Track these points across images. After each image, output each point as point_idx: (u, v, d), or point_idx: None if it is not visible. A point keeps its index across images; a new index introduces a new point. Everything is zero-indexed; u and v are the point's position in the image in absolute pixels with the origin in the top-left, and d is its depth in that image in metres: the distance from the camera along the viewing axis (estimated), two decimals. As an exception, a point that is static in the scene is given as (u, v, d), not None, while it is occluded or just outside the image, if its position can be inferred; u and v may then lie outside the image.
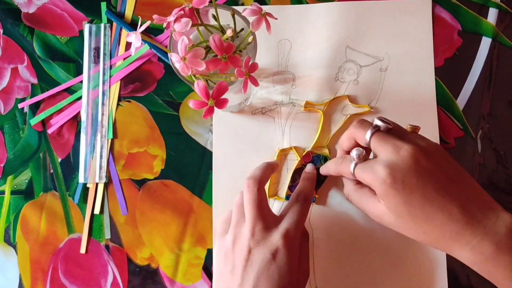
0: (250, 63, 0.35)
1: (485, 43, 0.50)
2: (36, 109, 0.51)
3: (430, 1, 0.50)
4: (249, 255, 0.37)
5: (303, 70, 0.50)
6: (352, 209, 0.47)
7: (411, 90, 0.49)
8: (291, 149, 0.48)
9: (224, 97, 0.34)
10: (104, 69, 0.51)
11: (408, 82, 0.49)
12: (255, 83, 0.36)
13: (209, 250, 0.48)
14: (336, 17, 0.50)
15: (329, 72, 0.50)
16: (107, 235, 0.49)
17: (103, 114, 0.51)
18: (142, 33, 0.35)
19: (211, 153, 0.49)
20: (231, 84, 0.37)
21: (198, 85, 0.34)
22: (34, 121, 0.51)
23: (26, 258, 0.49)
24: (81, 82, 0.52)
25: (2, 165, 0.51)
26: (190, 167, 0.49)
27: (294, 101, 0.50)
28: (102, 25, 0.52)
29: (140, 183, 0.50)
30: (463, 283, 0.46)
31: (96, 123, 0.51)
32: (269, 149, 0.49)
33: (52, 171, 0.50)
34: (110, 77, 0.51)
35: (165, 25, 0.35)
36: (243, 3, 0.52)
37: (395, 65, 0.49)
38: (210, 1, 0.36)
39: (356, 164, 0.37)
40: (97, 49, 0.52)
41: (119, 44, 0.52)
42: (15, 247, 0.49)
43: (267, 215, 0.39)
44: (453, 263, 0.46)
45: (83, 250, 0.49)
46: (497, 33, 0.50)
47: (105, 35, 0.52)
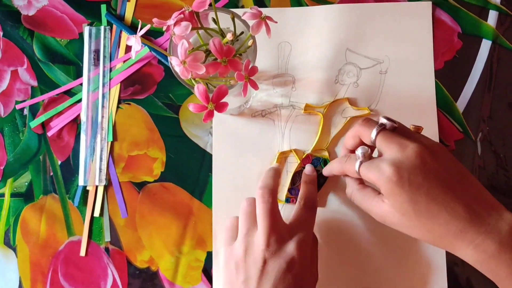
0: (250, 67, 0.35)
1: (485, 46, 0.50)
2: (36, 111, 0.51)
3: (430, 3, 0.50)
4: (264, 266, 0.37)
5: (303, 72, 0.50)
6: (351, 210, 0.47)
7: (411, 92, 0.49)
8: (291, 151, 0.48)
9: (224, 100, 0.34)
10: (104, 71, 0.51)
11: (408, 85, 0.49)
12: (255, 87, 0.36)
13: (209, 253, 0.48)
14: (336, 19, 0.50)
15: (329, 74, 0.50)
16: (107, 237, 0.49)
17: (103, 117, 0.51)
18: (142, 36, 0.35)
19: (211, 155, 0.49)
20: (231, 88, 0.37)
21: (198, 89, 0.34)
22: (34, 123, 0.51)
23: (26, 261, 0.49)
24: (81, 84, 0.51)
25: (2, 167, 0.51)
26: (190, 169, 0.49)
27: (294, 103, 0.50)
28: (102, 27, 0.52)
29: (140, 185, 0.50)
30: (462, 284, 0.46)
31: (96, 126, 0.50)
32: (269, 152, 0.49)
33: (52, 173, 0.50)
34: (110, 79, 0.51)
35: (165, 28, 0.35)
36: (243, 6, 0.52)
37: (395, 68, 0.49)
38: (210, 5, 0.36)
39: (361, 163, 0.37)
40: (97, 51, 0.52)
41: (119, 47, 0.52)
42: (15, 250, 0.49)
43: (280, 225, 0.39)
44: (453, 264, 0.46)
45: (83, 252, 0.49)
46: (497, 35, 0.50)
47: (105, 37, 0.52)
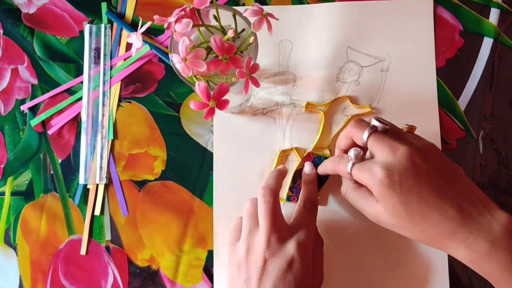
0: (251, 64, 0.35)
1: (487, 44, 0.50)
2: (36, 110, 0.51)
3: (431, 1, 0.50)
4: (264, 265, 0.38)
5: (304, 70, 0.50)
6: (353, 209, 0.47)
7: (412, 90, 0.49)
8: (292, 150, 0.48)
9: (225, 98, 0.34)
10: (104, 69, 0.51)
11: (410, 83, 0.49)
12: (256, 84, 0.36)
13: (209, 251, 0.48)
14: (337, 17, 0.50)
15: (330, 72, 0.50)
16: (108, 236, 0.49)
17: (103, 115, 0.51)
18: (143, 33, 0.35)
19: (211, 154, 0.49)
20: (232, 85, 0.36)
21: (199, 86, 0.33)
22: (34, 122, 0.51)
23: (27, 260, 0.49)
24: (82, 82, 0.51)
25: (2, 166, 0.51)
26: (191, 168, 0.49)
27: (295, 101, 0.49)
28: (103, 25, 0.52)
29: (141, 184, 0.49)
30: (464, 284, 0.46)
31: (97, 124, 0.50)
32: (270, 150, 0.49)
33: (52, 172, 0.50)
34: (111, 77, 0.51)
35: (165, 25, 0.35)
36: (244, 4, 0.52)
37: (396, 66, 0.49)
38: (211, 2, 0.36)
39: (353, 164, 0.37)
40: (97, 49, 0.52)
41: (119, 45, 0.52)
42: (15, 249, 0.49)
43: (281, 225, 0.40)
44: (455, 263, 0.46)
45: (83, 251, 0.49)
46: (499, 33, 0.50)
47: (105, 35, 0.52)
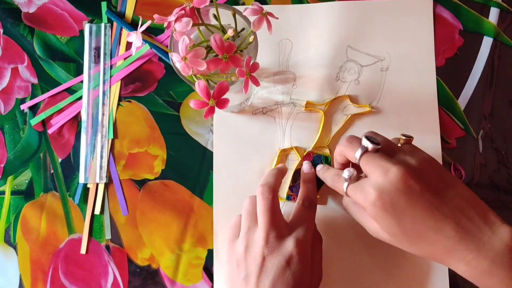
0: (251, 63, 0.35)
1: (487, 43, 0.50)
2: (36, 109, 0.51)
3: (431, 0, 0.50)
4: (263, 262, 0.38)
5: (304, 70, 0.50)
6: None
7: (412, 90, 0.49)
8: (292, 149, 0.48)
9: (225, 97, 0.34)
10: (104, 69, 0.51)
11: (409, 82, 0.49)
12: (256, 83, 0.36)
13: (209, 250, 0.48)
14: (337, 16, 0.50)
15: (330, 72, 0.50)
16: (108, 235, 0.49)
17: (103, 114, 0.51)
18: (143, 32, 0.35)
19: (211, 153, 0.49)
20: (232, 84, 0.36)
21: (199, 85, 0.33)
22: (34, 121, 0.51)
23: (27, 259, 0.49)
24: (82, 82, 0.51)
25: (2, 165, 0.51)
26: (191, 167, 0.49)
27: (295, 101, 0.49)
28: (103, 24, 0.52)
29: (141, 183, 0.49)
30: (463, 284, 0.46)
31: (97, 123, 0.50)
32: (270, 149, 0.49)
33: (52, 171, 0.50)
34: (111, 77, 0.51)
35: (165, 25, 0.35)
36: (244, 3, 0.52)
37: (396, 65, 0.49)
38: (211, 1, 0.36)
39: (348, 184, 0.37)
40: (97, 49, 0.52)
41: (119, 44, 0.52)
42: (15, 248, 0.49)
43: (280, 222, 0.40)
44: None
45: (83, 250, 0.49)
46: (498, 32, 0.50)
47: (105, 34, 0.52)
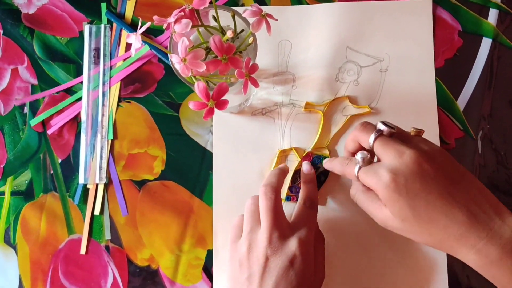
0: (250, 64, 0.35)
1: (486, 44, 0.50)
2: (36, 109, 0.51)
3: (430, 1, 0.50)
4: (266, 263, 0.38)
5: (303, 70, 0.50)
6: (352, 209, 0.47)
7: (411, 91, 0.49)
8: (291, 150, 0.48)
9: (224, 98, 0.34)
10: (104, 70, 0.51)
11: (409, 83, 0.49)
12: (255, 84, 0.36)
13: (209, 251, 0.48)
14: (336, 17, 0.50)
15: (329, 72, 0.50)
16: (107, 236, 0.49)
17: (103, 115, 0.51)
18: (142, 34, 0.35)
19: (211, 154, 0.49)
20: (231, 85, 0.36)
21: (198, 86, 0.34)
22: (34, 122, 0.51)
23: (26, 259, 0.49)
24: (81, 83, 0.51)
25: (2, 166, 0.51)
26: (190, 168, 0.49)
27: (294, 101, 0.50)
28: (102, 25, 0.52)
29: (140, 184, 0.49)
30: (463, 284, 0.46)
31: (96, 124, 0.50)
32: (269, 150, 0.49)
33: (52, 172, 0.50)
34: (110, 78, 0.51)
35: (165, 26, 0.35)
36: (243, 4, 0.52)
37: (395, 66, 0.49)
38: (210, 2, 0.36)
39: (360, 167, 0.37)
40: (97, 50, 0.52)
41: (119, 45, 0.52)
42: (15, 248, 0.49)
43: (283, 222, 0.40)
44: (453, 264, 0.46)
45: (83, 251, 0.49)
46: (498, 33, 0.50)
47: (105, 36, 0.52)
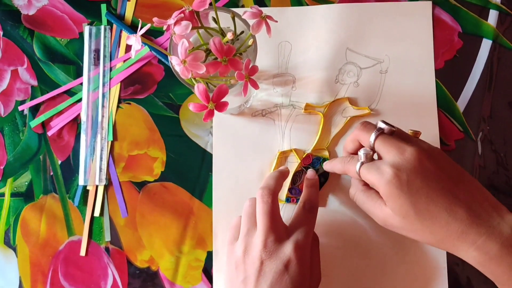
0: (250, 66, 0.35)
1: (486, 45, 0.50)
2: (36, 111, 0.51)
3: (430, 3, 0.50)
4: (261, 267, 0.38)
5: (303, 72, 0.50)
6: (352, 210, 0.47)
7: (411, 92, 0.49)
8: (291, 151, 0.48)
9: (224, 100, 0.34)
10: (104, 71, 0.51)
11: (409, 84, 0.49)
12: (255, 86, 0.36)
13: (209, 252, 0.48)
14: (336, 19, 0.50)
15: (329, 74, 0.50)
16: (107, 237, 0.49)
17: (103, 116, 0.51)
18: (142, 35, 0.35)
19: (211, 155, 0.49)
20: (231, 87, 0.37)
21: (198, 88, 0.34)
22: (34, 123, 0.51)
23: (26, 261, 0.49)
24: (81, 84, 0.51)
25: (2, 167, 0.51)
26: (190, 169, 0.49)
27: (294, 103, 0.50)
28: (102, 27, 0.52)
29: (140, 185, 0.49)
30: (463, 284, 0.46)
31: (96, 125, 0.50)
32: (269, 151, 0.49)
33: (52, 173, 0.50)
34: (110, 79, 0.51)
35: (165, 27, 0.35)
36: (243, 6, 0.52)
37: (395, 67, 0.49)
38: (210, 4, 0.36)
39: (362, 164, 0.37)
40: (97, 51, 0.52)
41: (119, 46, 0.52)
42: (15, 250, 0.49)
43: (279, 226, 0.39)
44: (453, 265, 0.46)
45: (83, 252, 0.49)
46: (498, 35, 0.50)
47: (105, 37, 0.52)
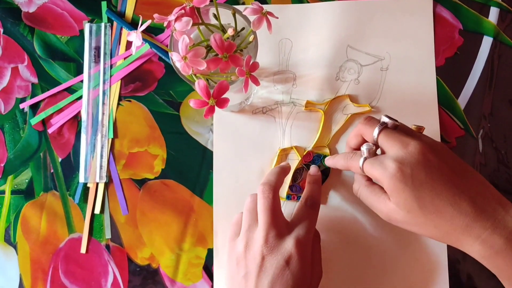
0: (251, 63, 0.35)
1: (486, 42, 0.50)
2: (36, 108, 0.51)
3: (431, 0, 0.50)
4: (262, 262, 0.38)
5: (304, 69, 0.50)
6: (353, 207, 0.47)
7: (412, 89, 0.49)
8: (291, 148, 0.48)
9: (224, 96, 0.34)
10: (104, 68, 0.51)
11: (409, 82, 0.49)
12: (256, 83, 0.36)
13: (209, 250, 0.48)
14: (337, 16, 0.50)
15: (330, 71, 0.50)
16: (108, 235, 0.49)
17: (103, 114, 0.51)
18: (143, 32, 0.35)
19: (211, 152, 0.49)
20: (232, 84, 0.36)
21: (199, 85, 0.34)
22: (35, 120, 0.51)
23: (27, 258, 0.49)
24: (82, 81, 0.51)
25: (2, 164, 0.51)
26: (191, 166, 0.49)
27: (295, 100, 0.50)
28: (103, 24, 0.52)
29: (141, 182, 0.49)
30: (464, 280, 0.46)
31: (97, 123, 0.50)
32: (269, 149, 0.49)
33: (52, 170, 0.50)
34: (111, 76, 0.51)
35: (165, 24, 0.35)
36: (244, 2, 0.52)
37: (396, 65, 0.49)
38: (211, 0, 0.36)
39: (365, 159, 0.37)
40: (97, 48, 0.52)
41: (119, 44, 0.52)
42: (15, 247, 0.49)
43: (280, 221, 0.39)
44: (455, 262, 0.46)
45: (83, 250, 0.49)
46: (498, 32, 0.50)
47: (105, 34, 0.52)
